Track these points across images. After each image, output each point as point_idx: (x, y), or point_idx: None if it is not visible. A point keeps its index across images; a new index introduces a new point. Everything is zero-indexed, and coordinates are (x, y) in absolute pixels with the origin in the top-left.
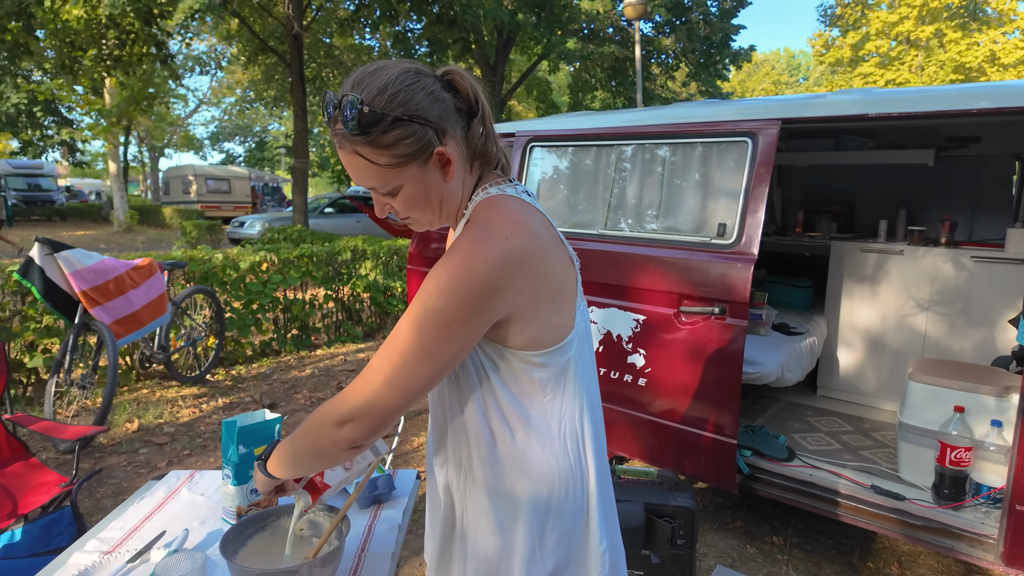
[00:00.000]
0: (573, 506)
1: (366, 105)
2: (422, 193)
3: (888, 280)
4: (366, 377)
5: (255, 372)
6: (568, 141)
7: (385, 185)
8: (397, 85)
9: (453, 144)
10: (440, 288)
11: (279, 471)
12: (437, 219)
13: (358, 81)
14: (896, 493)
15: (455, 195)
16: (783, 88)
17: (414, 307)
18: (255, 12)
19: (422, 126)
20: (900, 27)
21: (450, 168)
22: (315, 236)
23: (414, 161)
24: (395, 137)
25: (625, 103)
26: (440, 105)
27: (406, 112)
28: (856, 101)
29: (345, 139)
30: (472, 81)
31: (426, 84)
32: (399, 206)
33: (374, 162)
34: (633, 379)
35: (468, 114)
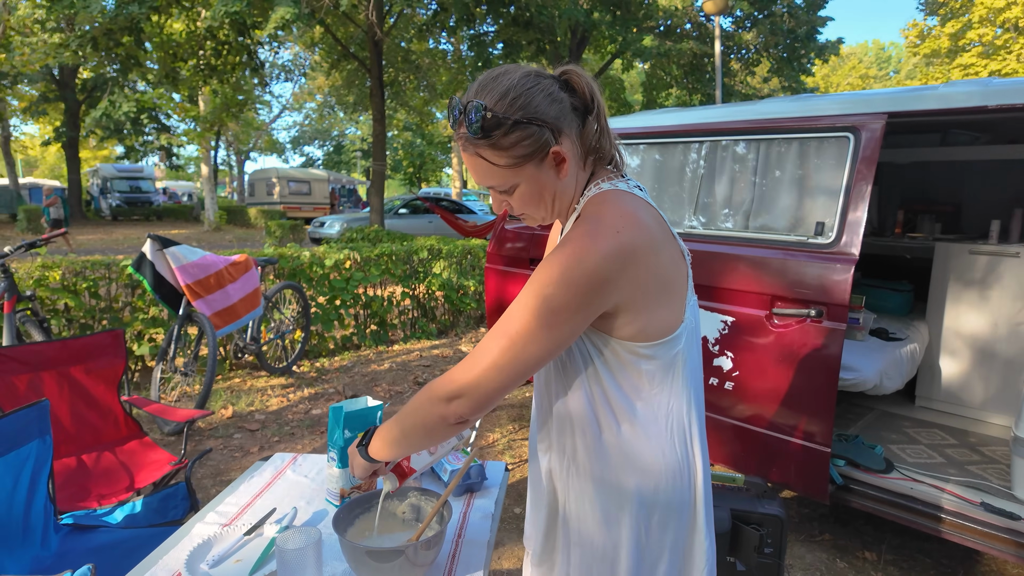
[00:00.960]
0: (680, 500)
1: (489, 111)
2: (537, 191)
3: (1000, 284)
4: (476, 357)
5: (337, 365)
6: (655, 138)
7: (503, 184)
8: (518, 89)
9: (568, 142)
10: (552, 277)
11: (384, 452)
12: (550, 215)
13: (482, 87)
14: (1011, 512)
15: (568, 191)
16: (871, 82)
17: (525, 294)
18: (338, 20)
19: (540, 127)
20: (1008, 13)
21: (564, 166)
22: (391, 236)
23: (531, 161)
24: (515, 139)
25: (702, 100)
26: (558, 106)
27: (526, 115)
28: (973, 92)
29: (469, 142)
30: (589, 79)
31: (545, 86)
32: (515, 203)
33: (494, 163)
34: (720, 382)
35: (584, 112)
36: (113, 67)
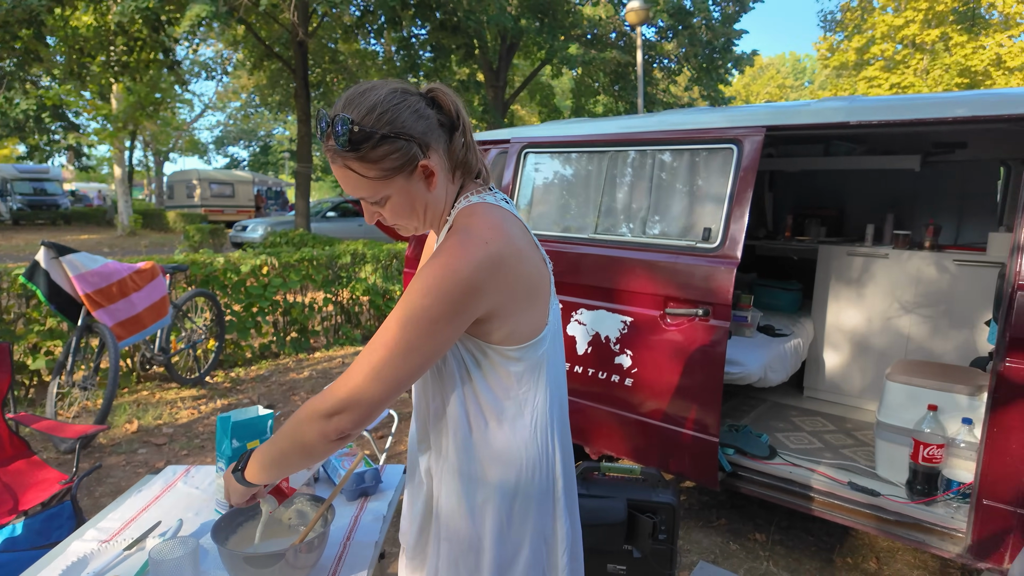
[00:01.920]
0: (541, 489)
1: (356, 124)
2: (408, 202)
3: (874, 283)
4: (354, 371)
5: (254, 374)
6: (561, 148)
7: (374, 196)
8: (385, 105)
9: (436, 157)
10: (426, 288)
11: (261, 475)
12: (423, 225)
13: (349, 101)
14: (872, 489)
15: (439, 203)
16: (788, 92)
17: (401, 306)
18: (261, 19)
19: (407, 142)
20: (906, 31)
21: (433, 179)
22: (317, 240)
23: (400, 173)
24: (383, 152)
25: (627, 107)
26: (424, 122)
27: (393, 130)
28: (839, 109)
29: (337, 154)
30: (454, 97)
31: (411, 103)
32: (387, 214)
33: (364, 175)
34: (620, 379)
35: (450, 128)
36: (11, 61)
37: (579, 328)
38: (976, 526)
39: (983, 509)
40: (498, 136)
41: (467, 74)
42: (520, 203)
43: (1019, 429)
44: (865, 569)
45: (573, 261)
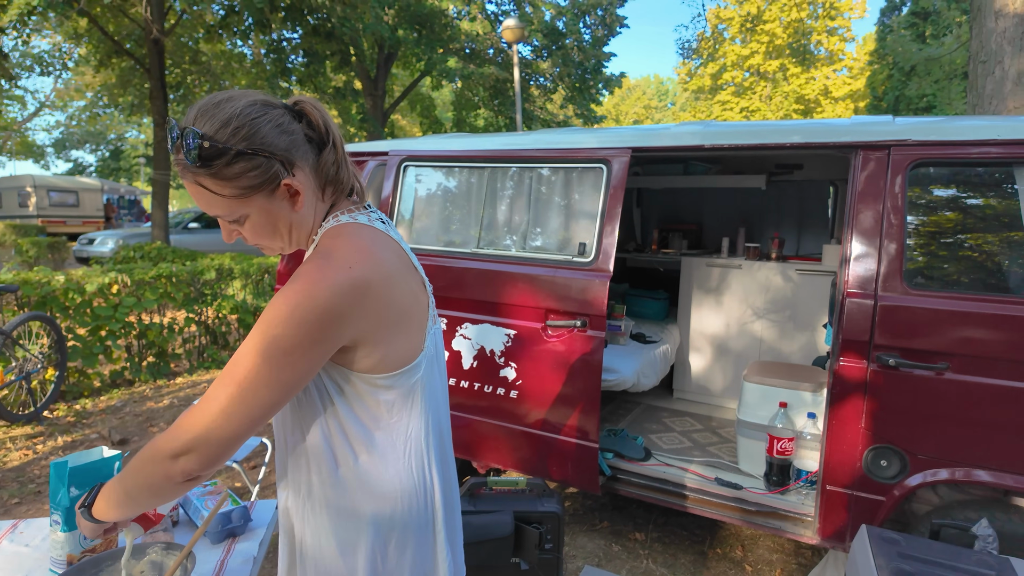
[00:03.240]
0: (418, 522)
1: (207, 140)
2: (269, 222)
3: (730, 291)
4: (202, 408)
5: (104, 405)
6: (441, 162)
7: (230, 214)
8: (242, 119)
9: (302, 174)
10: (280, 316)
11: (108, 514)
12: (288, 245)
13: (202, 112)
14: (735, 483)
15: (306, 222)
16: (653, 112)
17: (254, 335)
18: (108, 11)
19: (268, 159)
20: (751, 60)
21: (299, 198)
22: (177, 254)
23: (259, 192)
24: (239, 170)
25: (508, 122)
26: (288, 137)
27: (251, 146)
28: (695, 133)
29: (187, 170)
30: (323, 111)
31: (273, 116)
32: (247, 233)
33: (217, 193)
34: (506, 392)
35: (319, 144)
36: None
37: (465, 343)
38: (822, 510)
39: (827, 494)
40: (376, 148)
41: (343, 82)
42: (401, 217)
43: (854, 421)
44: (732, 557)
45: (457, 276)
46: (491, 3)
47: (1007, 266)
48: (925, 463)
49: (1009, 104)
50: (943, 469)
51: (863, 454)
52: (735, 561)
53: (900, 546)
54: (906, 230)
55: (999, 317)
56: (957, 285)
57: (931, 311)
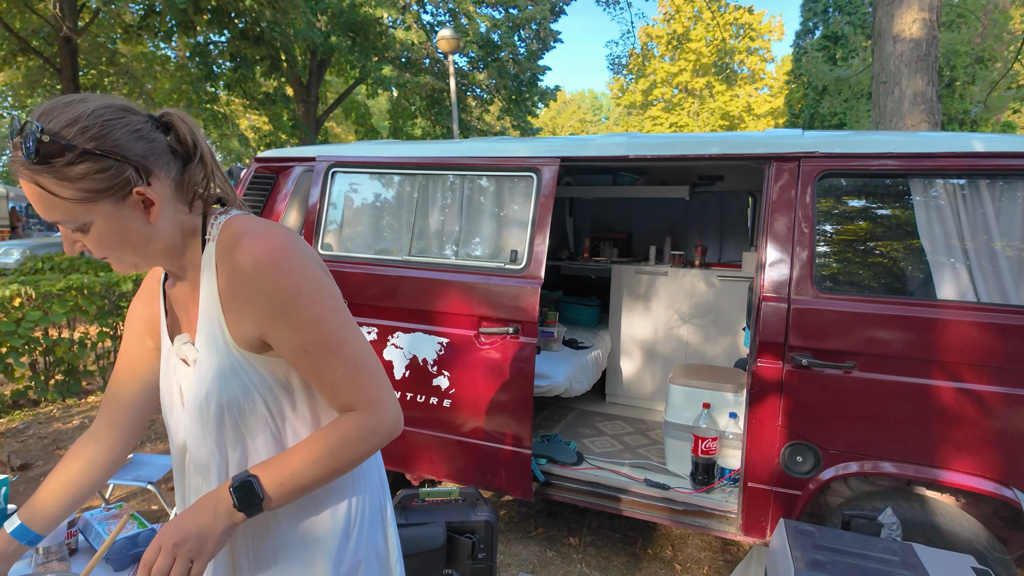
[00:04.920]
0: (379, 505)
1: (47, 134)
2: (117, 232)
3: (657, 297)
4: (344, 386)
5: (3, 428)
6: (371, 168)
7: (72, 221)
8: (92, 119)
9: (160, 185)
10: (288, 289)
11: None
12: (143, 261)
13: (49, 109)
14: (663, 484)
15: (163, 237)
16: (588, 126)
17: (290, 313)
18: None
19: (119, 163)
20: (680, 77)
21: (153, 210)
22: (91, 265)
23: (106, 198)
24: (82, 171)
25: (444, 132)
26: (145, 144)
27: (100, 147)
28: (620, 144)
29: (24, 167)
30: (192, 125)
31: (131, 122)
32: (91, 244)
33: (57, 195)
34: (439, 401)
35: (186, 157)
36: None
37: (396, 352)
38: (745, 506)
39: (749, 491)
40: (302, 153)
41: (274, 87)
42: (329, 225)
43: (771, 419)
44: (663, 558)
45: (389, 284)
46: (426, 13)
47: (906, 270)
48: (837, 457)
49: (907, 122)
50: (853, 462)
51: (780, 451)
52: (666, 561)
53: (815, 537)
54: (816, 237)
55: (900, 318)
56: (862, 288)
57: (839, 313)
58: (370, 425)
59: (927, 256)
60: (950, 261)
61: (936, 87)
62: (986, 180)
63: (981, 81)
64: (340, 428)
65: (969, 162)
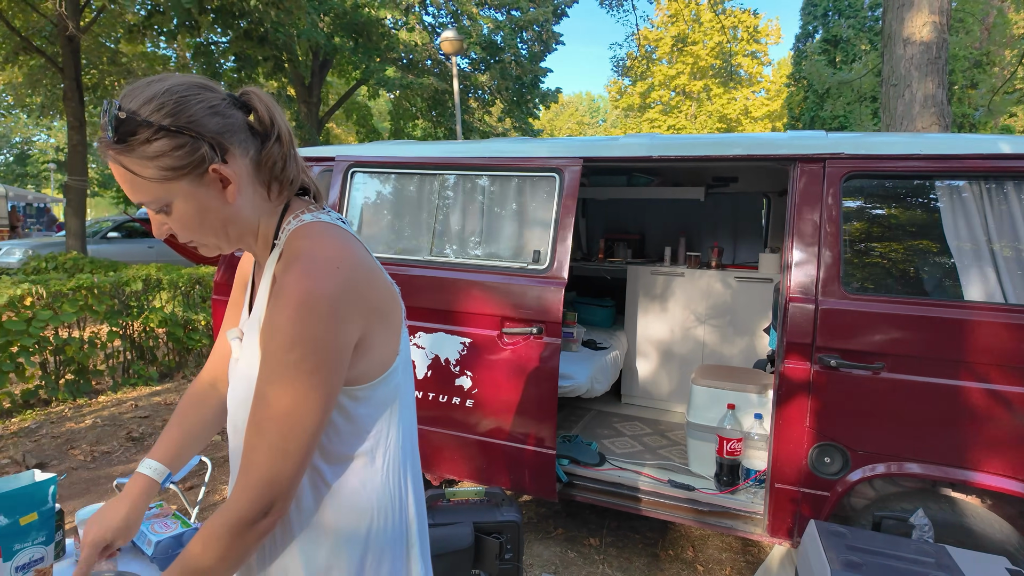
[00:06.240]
0: (393, 536)
1: (124, 111)
2: (196, 212)
3: (674, 298)
4: (255, 461)
5: (16, 428)
6: (392, 168)
7: (155, 201)
8: (167, 96)
9: (237, 164)
10: (289, 340)
11: None
12: (225, 243)
13: (129, 91)
14: (687, 485)
15: (243, 218)
16: (585, 128)
17: (269, 368)
18: (16, 4)
19: (194, 139)
20: (677, 80)
21: (230, 188)
22: (96, 264)
23: (184, 176)
24: (160, 148)
25: (446, 133)
26: (221, 120)
27: (175, 123)
28: (643, 145)
29: (108, 148)
30: (270, 103)
31: (207, 98)
32: (175, 226)
33: (138, 174)
34: (461, 401)
35: (264, 136)
36: None
37: (418, 352)
38: (771, 508)
39: (776, 492)
40: (322, 153)
41: (276, 88)
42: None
43: (798, 420)
44: (684, 558)
45: (410, 284)
46: (428, 15)
47: (933, 272)
48: (865, 458)
49: (918, 124)
50: (880, 464)
51: (808, 452)
52: (687, 562)
53: (847, 539)
54: (842, 238)
55: (928, 319)
56: (890, 290)
57: (867, 314)
58: (238, 519)
59: (954, 257)
60: (977, 262)
61: (946, 90)
62: (1013, 181)
63: (982, 85)
64: (204, 530)
65: (997, 163)
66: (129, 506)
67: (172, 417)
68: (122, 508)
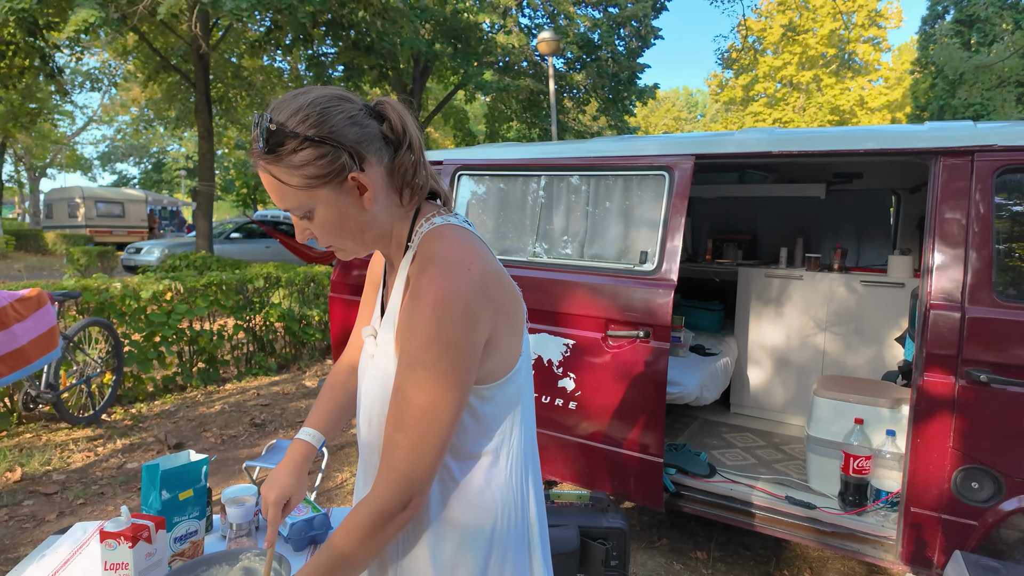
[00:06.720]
0: (516, 536)
1: (274, 123)
2: (336, 218)
3: (790, 303)
4: (398, 457)
5: (158, 410)
6: (497, 171)
7: (298, 207)
8: (311, 108)
9: (373, 172)
10: (427, 339)
11: None
12: (361, 247)
13: (277, 104)
14: (807, 503)
15: (379, 224)
16: (683, 124)
17: (408, 366)
18: (156, 28)
19: (335, 148)
20: (784, 71)
21: (367, 195)
22: (221, 263)
23: (326, 184)
24: (304, 158)
25: (539, 134)
26: (359, 130)
27: (318, 133)
28: (761, 139)
29: (259, 158)
30: (403, 112)
31: (347, 109)
32: (316, 231)
33: (285, 182)
34: (564, 403)
35: (396, 144)
36: None
37: None
38: (905, 533)
39: (911, 516)
40: (429, 157)
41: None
42: None
43: (940, 438)
44: None
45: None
46: (524, 17)
47: None
48: (1021, 486)
49: None
50: None
51: (952, 475)
52: None
53: (1000, 574)
54: (994, 239)
55: None
56: None
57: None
58: (379, 513)
59: None
60: None
61: None
62: None
63: None
64: (348, 520)
65: None
66: (294, 467)
67: (322, 392)
68: (289, 468)
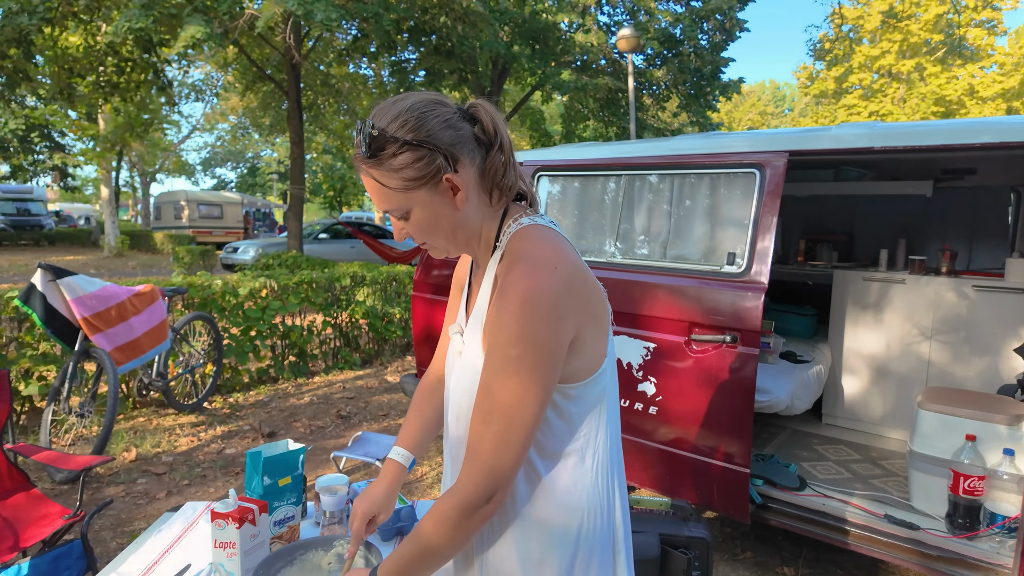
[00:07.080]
0: (601, 539)
1: (376, 129)
2: (431, 218)
3: (891, 308)
4: (483, 450)
5: (253, 400)
6: (576, 171)
7: (397, 208)
8: (410, 112)
9: (466, 173)
10: (514, 336)
11: None
12: (453, 246)
13: (378, 110)
14: (910, 523)
15: (470, 224)
16: (769, 119)
17: (495, 362)
18: (253, 41)
19: (431, 151)
20: (882, 60)
21: (460, 196)
22: (310, 262)
23: (423, 186)
24: (403, 161)
25: (617, 132)
26: (453, 132)
27: (416, 137)
28: (861, 135)
29: (361, 162)
30: (494, 114)
31: (442, 113)
32: (412, 230)
33: (385, 185)
34: (644, 407)
35: (488, 145)
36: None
37: None
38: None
39: None
40: None
41: (460, 99)
42: None
43: None
44: None
45: None
46: (604, 14)
47: None
48: None
49: None
50: None
51: None
52: None
53: None
54: None
55: None
56: None
57: None
58: (463, 506)
59: None
60: None
61: None
62: None
63: None
64: (435, 511)
65: None
66: (386, 486)
67: (410, 409)
68: (382, 487)
